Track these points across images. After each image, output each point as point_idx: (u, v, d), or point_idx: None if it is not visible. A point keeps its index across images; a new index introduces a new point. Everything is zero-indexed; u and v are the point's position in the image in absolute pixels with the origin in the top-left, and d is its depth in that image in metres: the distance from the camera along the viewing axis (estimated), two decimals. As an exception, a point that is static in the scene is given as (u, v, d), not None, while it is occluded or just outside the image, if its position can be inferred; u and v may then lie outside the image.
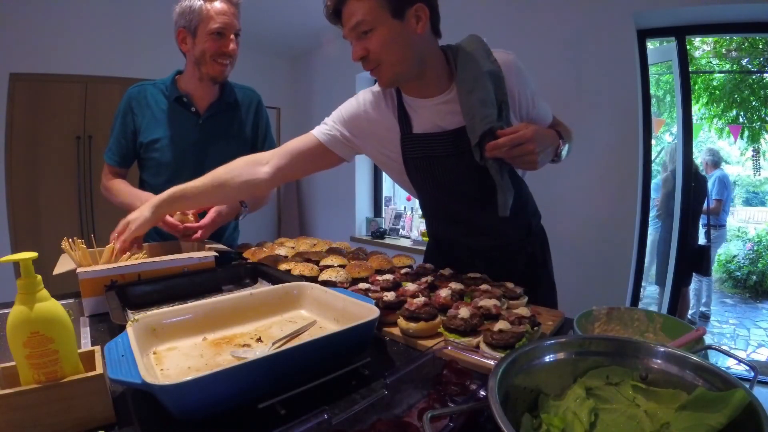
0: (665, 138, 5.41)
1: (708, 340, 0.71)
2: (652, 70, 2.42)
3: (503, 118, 0.93)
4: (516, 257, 1.17)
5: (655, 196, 3.94)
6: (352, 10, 0.91)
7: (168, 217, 1.16)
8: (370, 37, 0.92)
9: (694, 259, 2.98)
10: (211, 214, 1.26)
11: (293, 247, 1.43)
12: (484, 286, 0.95)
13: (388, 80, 0.98)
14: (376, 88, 1.09)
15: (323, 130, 1.11)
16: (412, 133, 1.03)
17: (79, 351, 0.57)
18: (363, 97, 1.10)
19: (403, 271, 1.14)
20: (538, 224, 1.23)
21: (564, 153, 1.00)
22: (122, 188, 1.36)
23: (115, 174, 1.41)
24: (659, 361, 0.51)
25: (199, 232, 1.22)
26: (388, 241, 3.64)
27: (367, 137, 1.10)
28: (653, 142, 2.61)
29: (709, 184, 3.77)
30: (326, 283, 1.00)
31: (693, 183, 2.61)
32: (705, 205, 3.46)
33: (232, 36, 1.26)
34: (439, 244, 1.30)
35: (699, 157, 4.11)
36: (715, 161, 4.00)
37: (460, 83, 0.95)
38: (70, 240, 1.04)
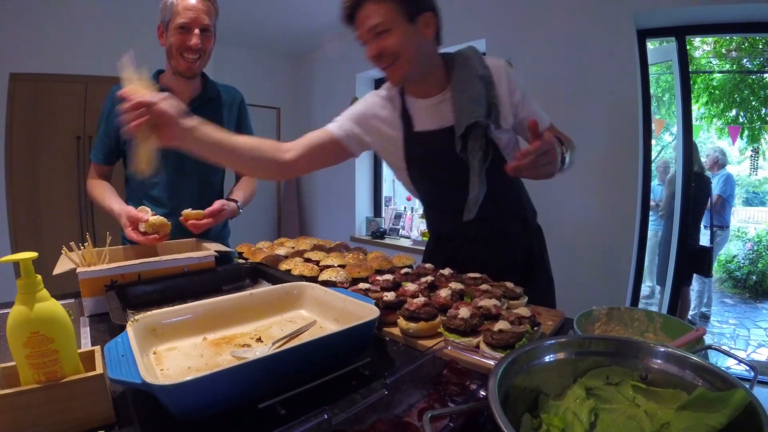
0: (665, 138, 5.41)
1: (708, 340, 0.71)
2: (652, 70, 2.42)
3: (492, 118, 1.03)
4: (513, 248, 1.19)
5: (660, 197, 3.94)
6: (368, 13, 0.99)
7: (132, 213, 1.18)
8: (386, 37, 1.00)
9: (695, 260, 2.97)
10: (217, 204, 1.26)
11: (293, 247, 1.43)
12: (484, 286, 0.95)
13: (399, 78, 1.06)
14: (383, 91, 1.19)
15: (338, 126, 1.16)
16: (413, 131, 1.13)
17: (79, 351, 0.57)
18: (372, 99, 1.20)
19: (403, 271, 1.14)
20: (534, 220, 1.28)
21: (567, 161, 1.01)
22: (97, 193, 1.38)
23: (100, 171, 1.44)
24: (659, 361, 0.51)
25: (208, 220, 1.23)
26: (388, 241, 3.64)
27: (376, 135, 1.17)
28: (653, 142, 2.61)
29: (714, 183, 3.74)
30: (326, 283, 1.00)
31: (693, 183, 2.61)
32: (708, 205, 3.45)
33: (196, 31, 1.26)
34: (438, 237, 1.33)
35: (705, 156, 4.09)
36: (723, 161, 3.98)
37: (454, 84, 1.06)
38: (73, 244, 1.04)
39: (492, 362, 0.61)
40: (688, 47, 2.37)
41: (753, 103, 4.90)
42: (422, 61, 1.05)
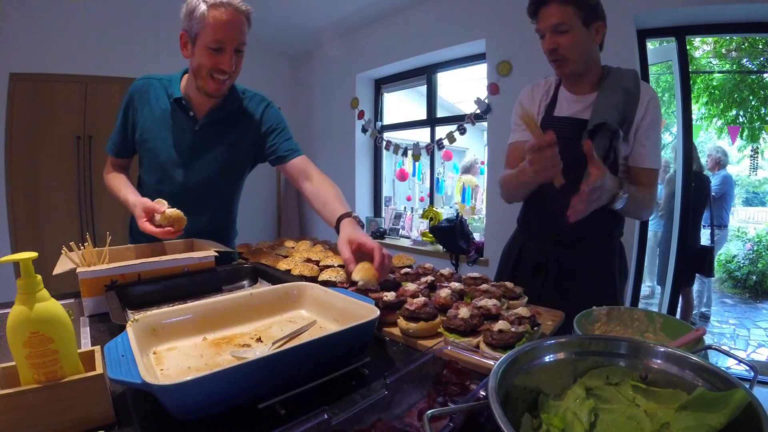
0: (665, 137, 5.41)
1: (708, 340, 0.71)
2: (652, 70, 2.42)
3: (623, 128, 1.14)
4: (597, 250, 1.25)
5: (659, 196, 3.94)
6: (552, 11, 1.14)
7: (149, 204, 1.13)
8: (563, 36, 1.14)
9: (696, 260, 2.97)
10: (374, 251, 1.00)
11: (293, 247, 1.43)
12: (484, 286, 0.95)
13: (564, 72, 1.22)
14: (529, 86, 1.37)
15: (518, 134, 1.33)
16: (552, 115, 1.27)
17: (79, 351, 0.57)
18: (521, 96, 1.38)
19: (403, 271, 1.14)
20: (620, 235, 1.31)
21: (619, 204, 1.10)
22: (113, 183, 1.33)
23: (116, 165, 1.38)
24: (659, 361, 0.51)
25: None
26: (388, 241, 3.64)
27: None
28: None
29: (712, 183, 3.74)
30: (326, 283, 1.00)
31: (693, 183, 2.61)
32: (708, 205, 3.45)
33: (230, 51, 1.14)
34: (527, 227, 1.39)
35: (706, 156, 4.08)
36: (724, 161, 3.97)
37: (603, 89, 1.20)
38: (73, 244, 1.04)
39: (492, 362, 0.61)
40: (688, 47, 2.37)
41: (753, 103, 4.90)
42: (586, 62, 1.20)
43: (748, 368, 0.52)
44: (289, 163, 1.34)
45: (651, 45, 2.46)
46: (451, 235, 2.98)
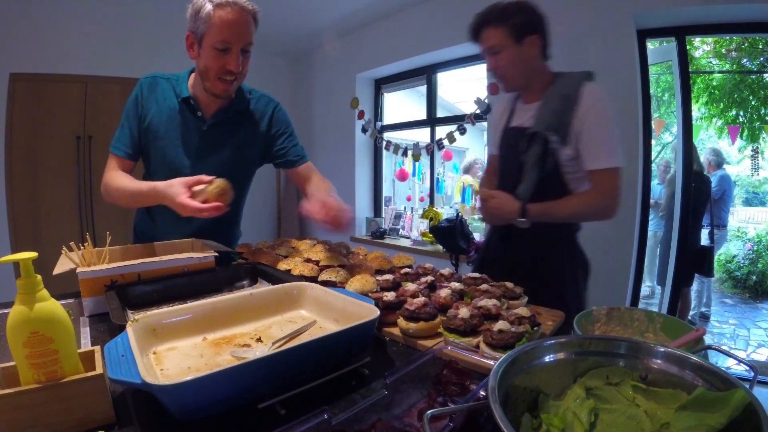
0: (665, 138, 5.41)
1: (708, 340, 0.71)
2: (652, 70, 2.42)
3: (560, 133, 1.21)
4: (540, 247, 1.28)
5: (659, 196, 3.95)
6: (487, 35, 1.27)
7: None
8: (498, 56, 1.26)
9: (696, 260, 2.97)
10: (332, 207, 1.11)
11: (293, 247, 1.43)
12: (484, 286, 0.95)
13: (506, 87, 1.36)
14: (500, 103, 1.51)
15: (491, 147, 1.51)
16: (509, 126, 1.38)
17: (79, 351, 0.57)
18: (493, 115, 1.56)
19: (403, 271, 1.14)
20: (575, 234, 1.36)
21: (522, 225, 1.22)
22: (124, 182, 1.23)
23: (121, 167, 1.29)
24: (659, 361, 0.51)
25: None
26: (388, 241, 3.64)
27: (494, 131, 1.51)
28: (653, 142, 2.61)
29: (713, 184, 3.75)
30: (326, 283, 1.00)
31: (694, 183, 2.61)
32: (708, 205, 3.45)
33: (237, 51, 1.12)
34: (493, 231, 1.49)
35: (702, 157, 4.09)
36: (719, 161, 3.99)
37: (544, 96, 1.28)
38: (73, 244, 1.03)
39: (492, 362, 0.61)
40: (688, 47, 2.37)
41: (753, 103, 4.89)
42: (526, 75, 1.29)
43: (748, 368, 0.52)
44: (297, 168, 1.41)
45: (651, 45, 2.46)
46: (451, 235, 2.98)
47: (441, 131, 3.42)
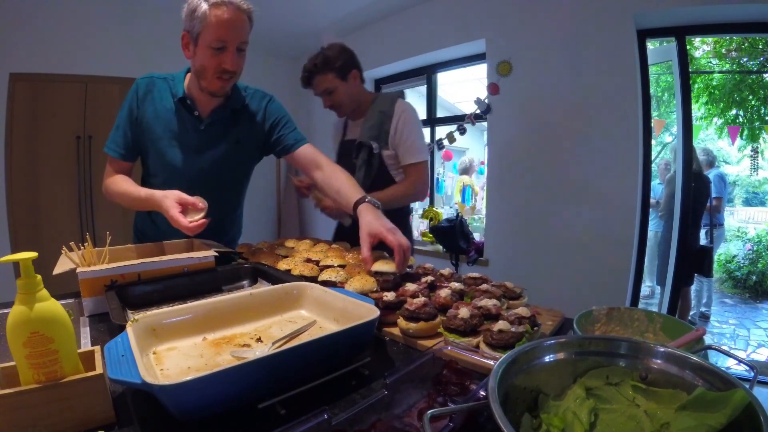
0: (665, 138, 5.41)
1: (708, 340, 0.71)
2: (652, 70, 2.42)
3: (380, 141, 1.63)
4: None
5: (659, 196, 3.95)
6: (318, 82, 1.67)
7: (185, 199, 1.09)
8: (331, 95, 1.67)
9: (696, 260, 2.97)
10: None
11: (293, 247, 1.43)
12: (484, 286, 0.95)
13: (343, 114, 1.78)
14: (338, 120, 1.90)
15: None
16: (345, 138, 1.82)
17: (79, 351, 0.57)
18: (334, 125, 1.93)
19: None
20: (407, 217, 1.87)
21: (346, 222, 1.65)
22: (123, 187, 1.25)
23: (118, 168, 1.31)
24: (659, 361, 0.51)
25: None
26: (388, 241, 3.63)
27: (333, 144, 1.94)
28: (653, 142, 2.61)
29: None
30: (326, 283, 1.00)
31: (693, 183, 2.61)
32: (708, 204, 3.45)
33: (233, 50, 1.14)
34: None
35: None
36: (710, 161, 4.00)
37: (366, 114, 1.68)
38: (73, 244, 1.03)
39: (492, 362, 0.61)
40: (688, 47, 2.37)
41: (753, 103, 4.89)
42: (355, 101, 1.70)
43: (748, 368, 0.52)
44: (296, 152, 1.35)
45: (651, 45, 2.47)
46: (451, 235, 2.98)
47: (441, 131, 3.42)
